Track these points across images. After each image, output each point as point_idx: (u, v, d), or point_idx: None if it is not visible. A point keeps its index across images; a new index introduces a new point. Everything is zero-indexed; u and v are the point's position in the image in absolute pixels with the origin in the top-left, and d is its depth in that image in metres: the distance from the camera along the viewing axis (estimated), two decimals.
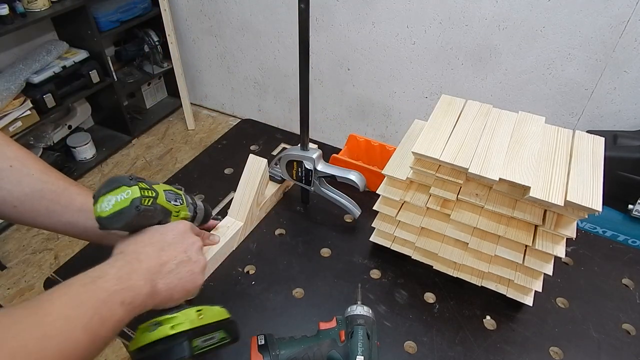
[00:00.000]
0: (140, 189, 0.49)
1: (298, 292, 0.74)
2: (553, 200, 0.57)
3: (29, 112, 1.88)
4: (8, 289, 1.72)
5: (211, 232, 0.77)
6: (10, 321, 0.36)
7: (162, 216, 0.54)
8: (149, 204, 0.50)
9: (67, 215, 0.59)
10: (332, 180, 0.80)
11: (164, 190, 0.54)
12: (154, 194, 0.51)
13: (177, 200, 0.57)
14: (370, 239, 0.79)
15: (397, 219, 0.72)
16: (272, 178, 0.89)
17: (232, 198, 0.82)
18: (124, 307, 0.43)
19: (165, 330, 0.49)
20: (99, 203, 0.49)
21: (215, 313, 0.56)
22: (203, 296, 0.72)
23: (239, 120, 1.90)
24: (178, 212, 0.57)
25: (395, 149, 0.81)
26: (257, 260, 0.79)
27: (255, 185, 0.80)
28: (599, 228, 1.57)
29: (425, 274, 0.76)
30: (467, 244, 0.68)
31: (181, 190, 0.60)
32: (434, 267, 0.75)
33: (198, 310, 0.52)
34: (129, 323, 0.44)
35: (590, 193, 0.58)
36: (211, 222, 0.80)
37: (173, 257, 0.50)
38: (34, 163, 0.58)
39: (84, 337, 0.39)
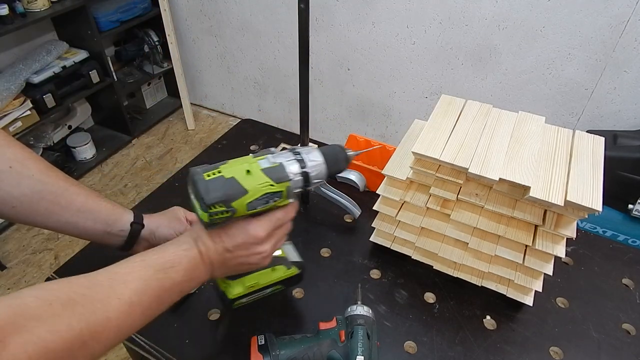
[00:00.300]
0: (212, 214, 0.47)
1: (298, 292, 0.74)
2: (553, 200, 0.57)
3: (29, 112, 1.88)
4: (8, 289, 1.73)
5: None
6: (84, 293, 0.40)
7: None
8: (222, 221, 0.49)
9: (66, 215, 0.59)
10: (332, 180, 0.80)
11: (248, 203, 0.49)
12: (228, 214, 0.48)
13: (271, 199, 0.51)
14: (370, 239, 0.79)
15: (397, 219, 0.72)
16: None
17: None
18: (180, 294, 0.49)
19: (220, 285, 0.59)
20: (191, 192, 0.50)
21: (278, 274, 0.61)
22: (203, 296, 0.72)
23: (239, 120, 1.90)
24: (268, 209, 0.52)
25: (395, 149, 0.81)
26: None
27: None
28: (599, 228, 1.57)
29: (425, 274, 0.76)
30: (467, 244, 0.68)
31: (289, 180, 0.51)
32: (434, 267, 0.75)
33: (251, 285, 0.59)
34: None
35: (590, 193, 0.58)
36: None
37: (234, 258, 0.53)
38: (35, 163, 0.58)
39: (140, 320, 0.45)
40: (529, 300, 0.70)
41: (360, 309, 0.61)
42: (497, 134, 0.66)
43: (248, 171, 0.49)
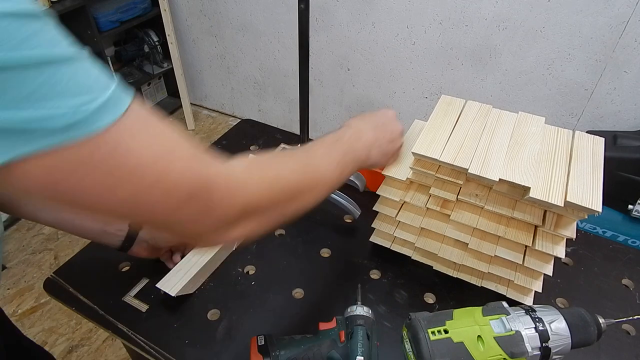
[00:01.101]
0: None
1: (298, 293, 0.74)
2: (553, 201, 0.57)
3: None
4: (8, 289, 1.72)
5: None
6: (292, 155, 0.51)
7: None
8: None
9: (63, 212, 0.59)
10: None
11: None
12: None
13: None
14: (370, 239, 0.79)
15: (397, 220, 0.72)
16: None
17: None
18: (353, 162, 0.57)
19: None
20: None
21: None
22: (203, 296, 0.72)
23: (239, 120, 1.90)
24: None
25: None
26: (257, 261, 0.79)
27: None
28: (599, 228, 1.57)
29: (425, 275, 0.76)
30: (467, 244, 0.68)
31: (525, 357, 0.43)
32: (433, 268, 0.75)
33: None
34: None
35: (590, 193, 0.57)
36: None
37: (382, 137, 0.63)
38: None
39: (336, 170, 0.53)
40: (528, 301, 0.69)
41: (360, 309, 0.61)
42: (497, 135, 0.66)
43: (479, 337, 0.44)
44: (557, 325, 0.45)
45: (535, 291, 0.67)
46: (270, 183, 0.42)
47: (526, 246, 0.65)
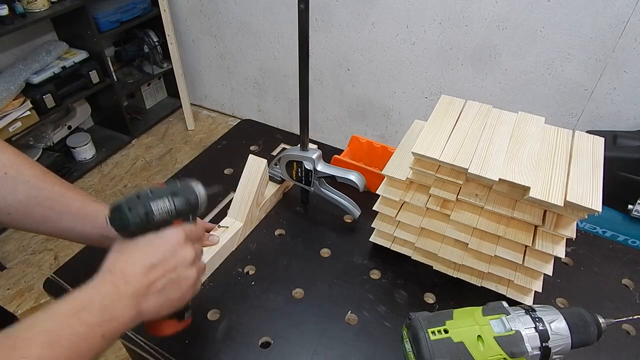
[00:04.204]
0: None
1: (298, 293, 0.74)
2: (553, 201, 0.57)
3: (28, 112, 1.88)
4: (8, 289, 1.72)
5: (210, 232, 0.77)
6: None
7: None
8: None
9: (63, 221, 0.59)
10: (332, 180, 0.80)
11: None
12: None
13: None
14: (370, 239, 0.79)
15: (397, 220, 0.72)
16: (272, 178, 0.89)
17: (232, 198, 0.82)
18: (104, 339, 0.42)
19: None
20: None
21: None
22: (203, 296, 0.72)
23: (239, 120, 1.90)
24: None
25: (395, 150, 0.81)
26: (257, 261, 0.79)
27: (255, 186, 0.80)
28: (598, 228, 1.57)
29: (425, 275, 0.76)
30: (467, 244, 0.67)
31: (526, 356, 0.44)
32: (433, 268, 0.75)
33: None
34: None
35: (590, 193, 0.57)
36: (209, 223, 0.80)
37: (162, 276, 0.48)
38: (30, 169, 0.57)
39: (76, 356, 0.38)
40: (528, 301, 0.69)
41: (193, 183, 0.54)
42: (496, 135, 0.66)
43: (479, 337, 0.44)
44: (557, 325, 0.46)
45: (535, 291, 0.67)
46: None
47: (526, 246, 0.65)
